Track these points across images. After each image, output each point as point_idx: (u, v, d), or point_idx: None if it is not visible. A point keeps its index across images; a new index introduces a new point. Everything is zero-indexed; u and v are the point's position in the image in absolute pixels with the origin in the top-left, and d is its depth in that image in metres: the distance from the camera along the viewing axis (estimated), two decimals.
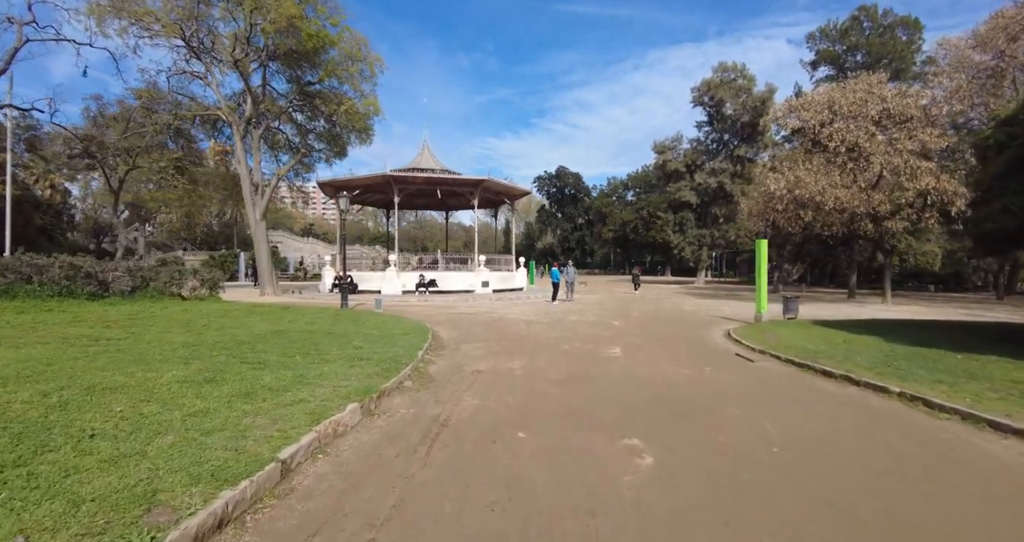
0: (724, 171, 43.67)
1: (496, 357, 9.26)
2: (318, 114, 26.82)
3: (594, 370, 8.19)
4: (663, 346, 11.09)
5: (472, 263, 26.69)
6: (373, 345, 8.77)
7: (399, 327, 11.48)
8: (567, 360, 9.07)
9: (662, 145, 46.76)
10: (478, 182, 25.40)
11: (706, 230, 45.42)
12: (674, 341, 11.95)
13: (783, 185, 23.40)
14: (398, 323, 12.35)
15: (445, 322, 14.64)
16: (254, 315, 11.66)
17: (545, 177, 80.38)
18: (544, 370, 8.15)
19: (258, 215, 24.53)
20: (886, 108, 22.08)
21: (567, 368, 8.33)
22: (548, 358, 9.22)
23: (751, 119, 42.83)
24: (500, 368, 8.25)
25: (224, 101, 24.35)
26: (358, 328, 10.70)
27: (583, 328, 13.80)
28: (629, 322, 15.64)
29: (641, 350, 10.43)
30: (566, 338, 11.75)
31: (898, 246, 27.68)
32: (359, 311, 15.79)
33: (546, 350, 10.05)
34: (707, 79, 45.64)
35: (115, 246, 61.99)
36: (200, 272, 15.22)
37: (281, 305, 17.11)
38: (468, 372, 7.90)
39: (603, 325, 14.59)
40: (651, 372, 8.33)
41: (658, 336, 12.67)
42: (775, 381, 7.90)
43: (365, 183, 25.52)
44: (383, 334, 10.11)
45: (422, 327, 12.12)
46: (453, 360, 8.88)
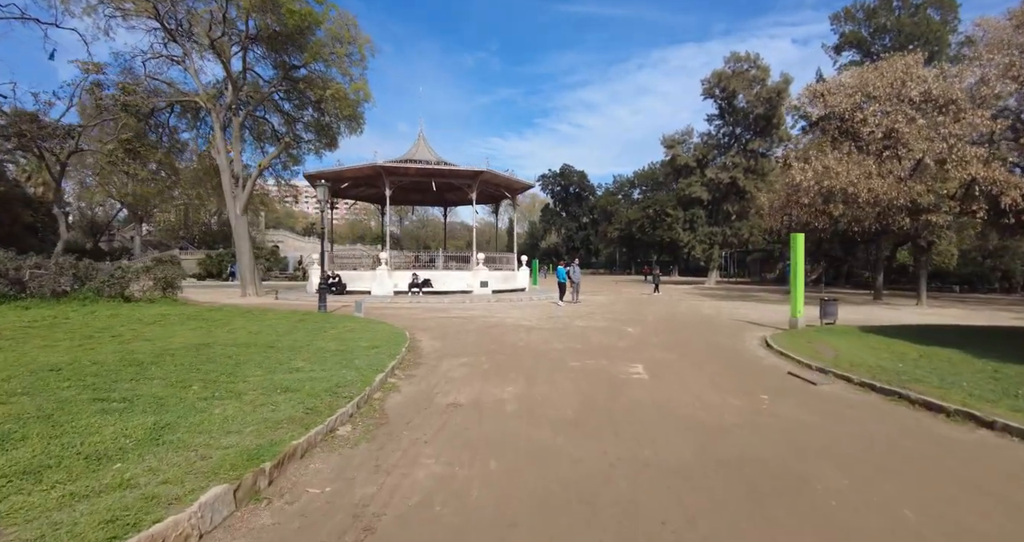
0: (737, 166, 41.18)
1: (484, 379, 7.02)
2: (305, 102, 24.65)
3: (614, 403, 5.92)
4: (694, 361, 8.80)
5: (471, 262, 24.46)
6: (321, 365, 6.55)
7: (370, 337, 9.27)
8: (576, 384, 6.80)
9: (671, 139, 44.32)
10: (476, 174, 23.16)
11: (717, 228, 42.92)
12: (705, 354, 9.66)
13: (810, 176, 21.00)
14: (372, 331, 10.13)
15: (431, 329, 12.40)
16: (196, 321, 9.52)
17: (549, 175, 78.02)
18: (546, 402, 5.90)
19: (238, 209, 22.38)
20: (927, 90, 19.66)
21: (577, 398, 6.07)
22: (551, 380, 6.97)
23: (765, 111, 40.34)
24: (486, 398, 6.00)
25: (203, 87, 22.23)
26: (314, 339, 8.49)
27: (594, 336, 11.52)
28: (645, 328, 13.35)
29: (668, 367, 8.14)
30: (574, 350, 9.49)
31: (937, 243, 25.24)
32: (335, 315, 13.59)
33: (549, 368, 7.80)
34: (718, 70, 43.15)
35: (111, 245, 60.25)
36: (153, 270, 13.10)
37: (249, 308, 14.96)
38: (441, 406, 5.65)
39: (616, 332, 12.31)
40: (690, 403, 6.07)
41: (684, 347, 10.37)
42: (864, 419, 5.61)
43: (354, 175, 23.34)
44: (343, 348, 7.89)
45: (400, 336, 9.90)
46: (425, 385, 6.64)
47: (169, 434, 3.81)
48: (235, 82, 22.02)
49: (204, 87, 22.32)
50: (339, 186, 24.62)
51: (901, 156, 20.02)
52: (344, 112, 22.83)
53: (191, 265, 51.45)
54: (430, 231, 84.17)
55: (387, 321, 13.07)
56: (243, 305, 17.62)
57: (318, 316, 12.77)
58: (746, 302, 23.89)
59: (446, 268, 25.63)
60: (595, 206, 74.18)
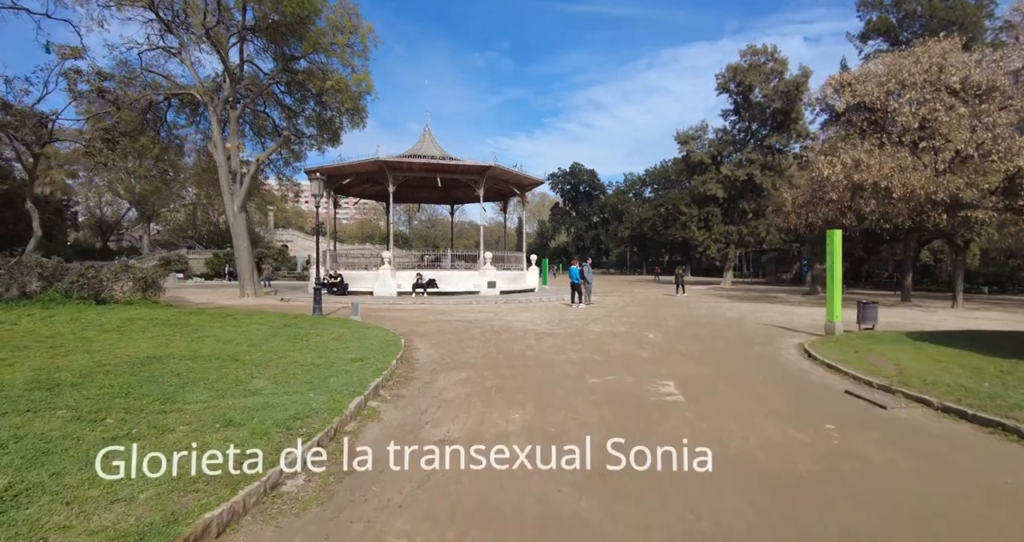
0: (753, 162, 39.52)
1: (486, 402, 5.76)
2: (307, 95, 23.56)
3: (649, 440, 4.61)
4: (732, 376, 7.49)
5: (478, 261, 23.24)
6: (286, 386, 5.33)
7: (358, 346, 8.05)
8: (599, 410, 5.52)
9: (685, 135, 42.72)
10: (483, 169, 21.92)
11: (733, 226, 41.28)
12: (742, 367, 8.33)
13: (838, 170, 19.51)
14: (362, 338, 8.92)
15: (431, 334, 11.17)
16: (164, 327, 8.36)
17: (559, 174, 76.61)
18: (563, 438, 4.61)
19: (236, 206, 21.33)
20: (967, 76, 18.11)
21: (602, 433, 4.78)
22: (568, 405, 5.69)
23: (783, 105, 38.63)
24: (486, 433, 4.72)
25: (200, 80, 21.22)
26: (291, 350, 7.29)
27: (612, 344, 10.23)
28: (668, 333, 12.02)
29: (705, 385, 6.84)
30: (591, 362, 8.20)
31: (976, 241, 23.60)
32: (329, 319, 12.42)
33: (564, 386, 6.53)
34: (733, 64, 41.49)
35: (120, 245, 59.82)
36: (131, 270, 11.99)
37: (237, 310, 13.84)
38: (428, 444, 4.40)
39: (636, 339, 11.00)
40: (743, 438, 4.77)
41: (716, 357, 9.05)
42: (978, 465, 4.28)
43: (356, 170, 22.20)
44: (322, 361, 6.68)
45: (393, 344, 8.68)
46: (413, 410, 5.39)
47: (15, 511, 2.59)
48: (232, 74, 20.97)
49: (201, 80, 21.31)
50: (341, 182, 23.52)
51: (938, 147, 18.46)
52: (346, 104, 21.71)
53: (199, 264, 50.78)
54: (439, 231, 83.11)
55: (384, 325, 11.86)
56: (235, 307, 16.52)
57: (309, 320, 11.60)
58: (768, 304, 22.44)
59: (453, 268, 24.44)
60: (606, 205, 72.69)
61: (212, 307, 16.13)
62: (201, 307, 15.36)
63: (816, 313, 17.88)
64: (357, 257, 25.14)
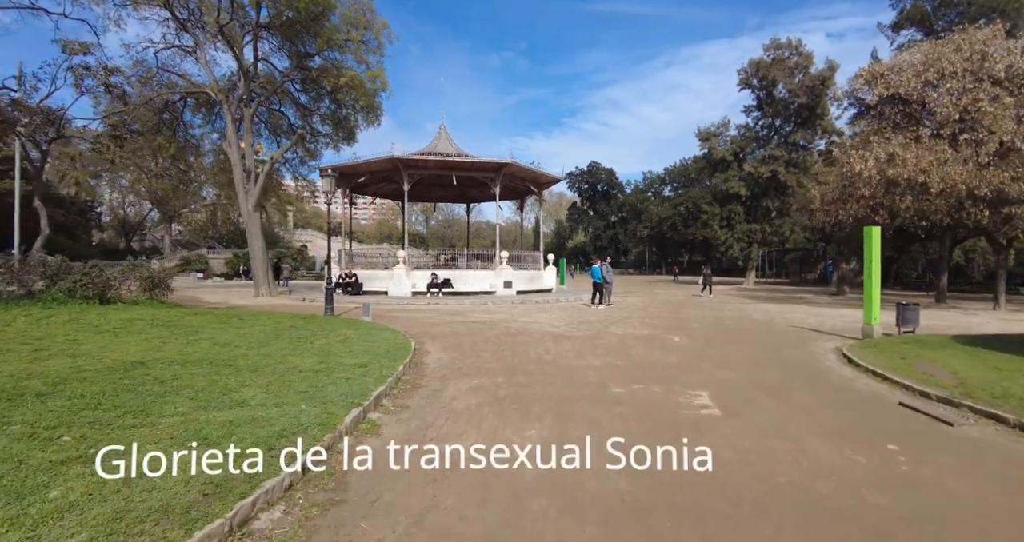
0: (777, 159, 38.30)
1: (499, 415, 5.17)
2: (322, 93, 23.26)
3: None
4: (769, 385, 6.79)
5: (494, 261, 22.68)
6: (278, 395, 4.81)
7: (364, 349, 7.54)
8: (626, 425, 4.89)
9: (707, 132, 41.62)
10: (499, 166, 21.35)
11: (756, 225, 40.09)
12: (778, 374, 7.62)
13: (871, 165, 18.50)
14: (370, 341, 8.42)
15: (444, 336, 10.63)
16: (161, 329, 7.93)
17: (576, 173, 75.74)
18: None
19: (250, 205, 21.10)
20: (1013, 63, 17.00)
21: (631, 451, 4.15)
22: (592, 420, 5.07)
23: (809, 100, 37.36)
24: (498, 461, 4.15)
25: (214, 78, 21.05)
26: (291, 354, 6.80)
27: (636, 348, 9.57)
28: (694, 337, 11.31)
29: (742, 396, 6.16)
30: (615, 369, 7.56)
31: (1021, 237, 22.30)
32: (338, 320, 11.96)
33: (586, 397, 5.91)
34: (756, 59, 40.31)
35: (143, 245, 60.68)
36: (137, 270, 11.66)
37: (246, 310, 13.49)
38: (424, 471, 3.80)
39: (661, 343, 10.32)
40: (794, 461, 4.11)
41: (749, 363, 8.34)
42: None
43: (370, 168, 21.81)
44: (322, 366, 6.17)
45: (402, 347, 8.15)
46: (417, 424, 4.82)
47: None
48: (246, 72, 20.75)
49: (216, 79, 21.15)
50: (356, 181, 23.17)
51: (981, 140, 17.37)
52: (360, 101, 21.35)
53: (219, 264, 51.24)
54: (456, 230, 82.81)
55: (395, 326, 11.37)
56: (246, 306, 16.22)
57: (318, 321, 11.14)
58: (795, 305, 21.48)
59: (469, 267, 23.93)
60: (624, 204, 71.60)
61: (222, 307, 15.83)
62: (211, 307, 15.06)
63: (848, 315, 16.97)
64: (372, 256, 24.78)
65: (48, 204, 42.48)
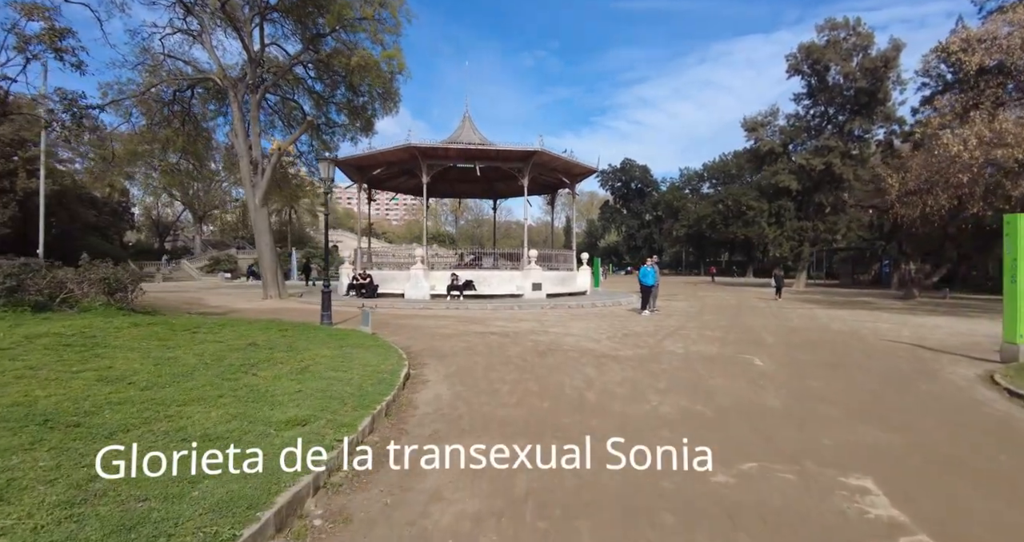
0: (832, 150, 34.53)
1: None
2: (336, 80, 21.17)
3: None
4: (945, 451, 4.06)
5: (522, 260, 20.18)
6: (76, 518, 2.45)
7: (327, 385, 5.15)
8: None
9: (753, 121, 38.03)
10: (528, 155, 18.83)
11: (808, 222, 36.34)
12: (944, 428, 4.86)
13: (973, 145, 15.23)
14: (346, 367, 6.04)
15: (453, 355, 8.17)
16: (67, 350, 5.71)
17: (609, 171, 72.41)
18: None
19: (258, 199, 19.18)
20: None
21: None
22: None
23: (869, 85, 33.48)
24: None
25: (220, 64, 19.25)
26: (206, 395, 4.42)
27: (711, 378, 6.88)
28: (776, 358, 8.53)
29: (926, 483, 3.45)
30: (697, 421, 4.93)
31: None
32: (329, 331, 9.68)
33: (666, 496, 3.33)
34: (806, 43, 36.61)
35: (175, 245, 60.61)
36: (89, 271, 9.55)
37: (229, 317, 11.40)
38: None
39: (743, 369, 7.59)
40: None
41: (883, 406, 5.57)
42: None
43: (386, 158, 19.60)
44: (233, 426, 3.78)
45: (388, 377, 5.73)
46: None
47: None
48: (252, 55, 18.84)
49: (223, 65, 19.34)
50: (372, 174, 21.02)
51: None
52: (375, 84, 19.20)
53: (246, 264, 50.35)
54: (486, 230, 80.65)
55: (396, 339, 9.02)
56: (240, 312, 14.20)
57: (301, 333, 8.86)
58: (868, 311, 18.23)
59: (495, 267, 21.51)
60: (659, 202, 68.05)
61: (214, 313, 13.84)
62: (196, 313, 13.08)
63: (944, 325, 13.90)
64: (389, 256, 22.65)
65: (80, 205, 42.23)
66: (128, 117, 19.61)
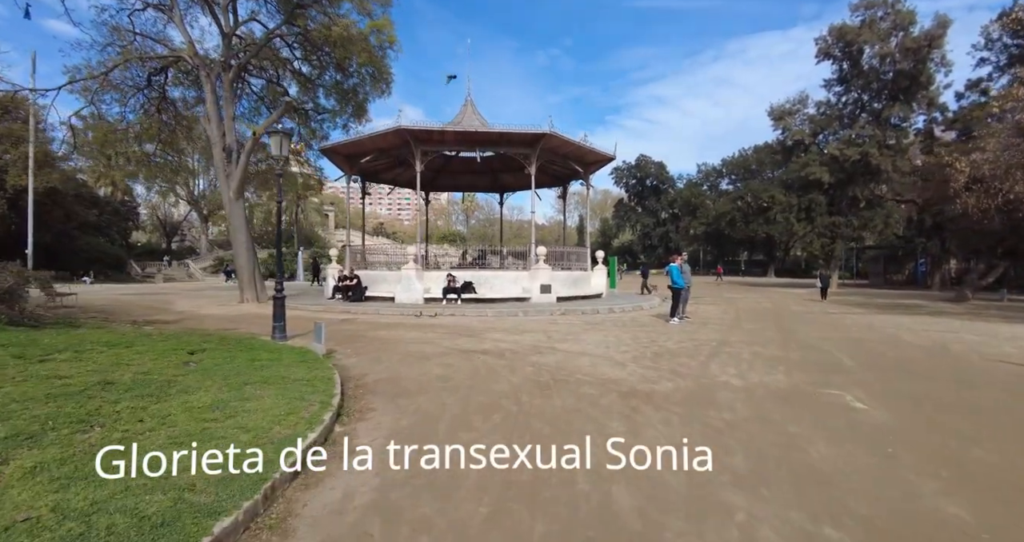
0: (869, 139, 31.41)
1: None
2: (326, 62, 18.76)
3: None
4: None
5: (529, 259, 17.64)
6: None
7: (152, 484, 2.69)
8: None
9: (780, 110, 34.89)
10: (536, 138, 16.27)
11: (840, 217, 33.18)
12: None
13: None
14: (230, 425, 3.60)
15: (419, 392, 5.63)
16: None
17: (623, 168, 69.40)
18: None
19: (232, 191, 16.89)
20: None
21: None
22: None
23: (911, 67, 30.32)
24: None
25: (191, 40, 17.00)
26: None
27: (798, 433, 4.28)
28: (872, 390, 5.87)
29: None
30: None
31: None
32: (273, 348, 7.25)
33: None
34: (838, 25, 33.44)
35: (182, 245, 59.03)
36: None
37: (171, 329, 9.05)
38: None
39: (836, 414, 4.95)
40: None
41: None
42: None
43: (375, 145, 17.19)
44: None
45: (281, 450, 3.26)
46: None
47: None
48: (224, 29, 16.56)
49: (193, 40, 17.07)
50: (361, 162, 18.60)
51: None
52: (363, 59, 16.77)
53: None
54: (498, 229, 78.21)
55: (353, 364, 6.57)
56: (196, 317, 11.88)
57: (218, 354, 6.45)
58: (930, 318, 15.35)
59: (500, 267, 19.02)
60: (676, 199, 64.92)
61: (161, 321, 11.53)
62: (141, 322, 10.78)
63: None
64: (380, 254, 20.27)
65: (79, 203, 40.56)
66: (92, 101, 17.40)
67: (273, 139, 9.09)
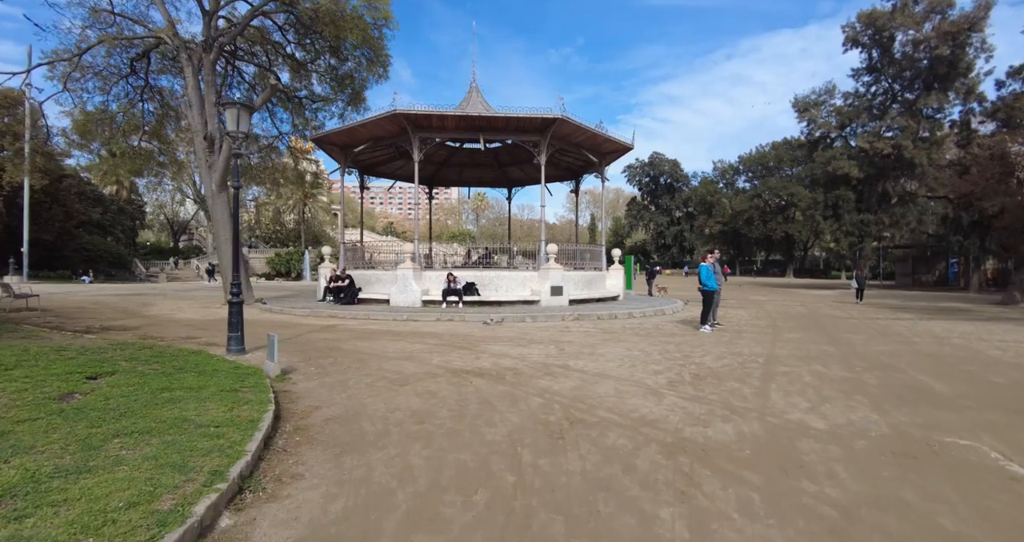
0: (902, 130, 29.23)
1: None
2: (321, 46, 17.23)
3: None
4: None
5: (538, 257, 15.94)
6: None
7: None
8: None
9: (805, 101, 32.69)
10: (546, 123, 14.56)
11: (870, 214, 30.99)
12: None
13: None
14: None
15: (377, 440, 3.92)
16: None
17: (636, 166, 67.34)
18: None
19: (215, 182, 15.40)
20: None
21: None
22: None
23: (950, 53, 28.10)
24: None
25: (169, 18, 15.55)
26: None
27: (963, 539, 2.58)
28: (1005, 437, 4.11)
29: None
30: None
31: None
32: (208, 369, 5.64)
33: None
34: (867, 10, 31.26)
35: (190, 244, 58.16)
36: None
37: (114, 337, 7.52)
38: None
39: (996, 490, 3.21)
40: None
41: None
42: None
43: (370, 133, 15.60)
44: None
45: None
46: None
47: None
48: (204, 6, 15.08)
49: (172, 20, 15.62)
50: (356, 152, 17.02)
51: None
52: (356, 39, 15.18)
53: (259, 264, 47.07)
54: (508, 227, 76.52)
55: (309, 388, 4.96)
56: (170, 322, 10.36)
57: (133, 377, 4.87)
58: (995, 324, 13.39)
59: (508, 267, 17.36)
60: (690, 198, 62.74)
61: (117, 327, 10.03)
62: (96, 328, 9.28)
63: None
64: (375, 252, 18.68)
65: (81, 201, 39.59)
66: (67, 87, 16.04)
67: (229, 112, 7.48)
